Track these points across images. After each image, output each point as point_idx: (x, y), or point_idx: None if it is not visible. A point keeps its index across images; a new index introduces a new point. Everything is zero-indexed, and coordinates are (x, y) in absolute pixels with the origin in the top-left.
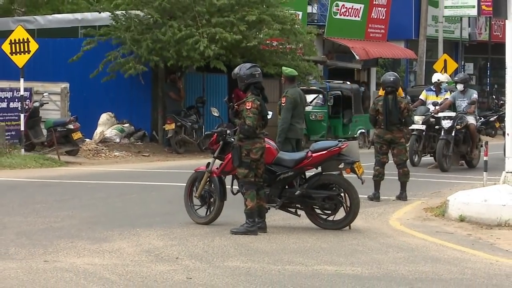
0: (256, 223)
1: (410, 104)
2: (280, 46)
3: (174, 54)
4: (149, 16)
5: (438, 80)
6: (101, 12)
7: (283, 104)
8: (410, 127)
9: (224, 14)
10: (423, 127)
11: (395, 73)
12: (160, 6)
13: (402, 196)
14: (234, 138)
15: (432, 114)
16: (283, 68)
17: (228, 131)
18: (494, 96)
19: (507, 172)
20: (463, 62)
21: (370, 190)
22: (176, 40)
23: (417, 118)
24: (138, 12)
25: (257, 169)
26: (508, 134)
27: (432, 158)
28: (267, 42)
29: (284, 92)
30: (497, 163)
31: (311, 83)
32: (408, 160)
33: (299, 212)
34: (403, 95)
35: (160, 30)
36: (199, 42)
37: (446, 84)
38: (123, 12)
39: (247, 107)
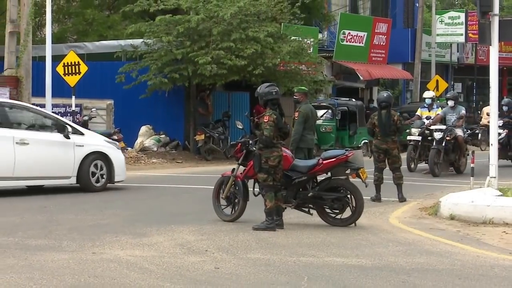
0: (275, 221)
1: (401, 117)
2: (293, 67)
3: (191, 72)
4: (174, 40)
5: (424, 97)
6: (146, 41)
7: (296, 118)
8: (408, 138)
9: (236, 40)
10: (419, 138)
11: (388, 91)
12: (178, 32)
13: (400, 198)
14: (255, 147)
15: (427, 127)
16: (296, 88)
17: (250, 141)
18: (479, 112)
19: (491, 177)
20: (452, 82)
21: (373, 192)
22: (188, 58)
23: (414, 130)
24: (164, 42)
25: (275, 174)
26: (491, 144)
27: (427, 164)
28: (282, 64)
29: (298, 107)
30: (482, 169)
31: (321, 99)
32: (406, 166)
33: (312, 211)
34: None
35: (176, 51)
36: (202, 59)
37: (438, 101)
38: (154, 40)
39: (265, 120)
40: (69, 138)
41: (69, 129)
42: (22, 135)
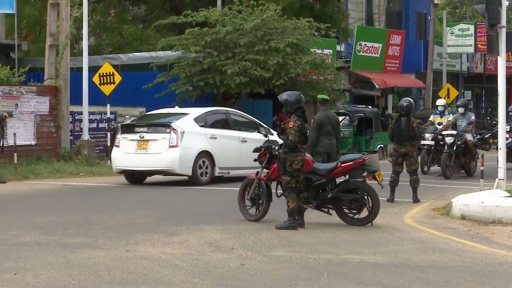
0: (296, 220)
1: (420, 124)
2: (314, 77)
3: (218, 82)
4: (201, 52)
5: (437, 105)
6: (174, 51)
7: (311, 125)
8: (421, 143)
9: (260, 51)
10: (432, 142)
11: (410, 99)
12: (206, 43)
13: (414, 199)
14: (279, 152)
15: (439, 132)
16: (318, 95)
17: (273, 146)
18: (488, 118)
19: (499, 179)
20: (462, 90)
21: (388, 193)
22: (215, 67)
23: (427, 135)
24: (192, 52)
25: (298, 177)
26: (500, 148)
27: (439, 167)
28: (305, 74)
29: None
30: (491, 172)
31: (339, 107)
32: (420, 169)
33: (331, 211)
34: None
35: (204, 61)
36: (230, 70)
37: (449, 108)
38: (183, 51)
39: (290, 126)
40: (267, 136)
41: (269, 130)
42: (242, 135)
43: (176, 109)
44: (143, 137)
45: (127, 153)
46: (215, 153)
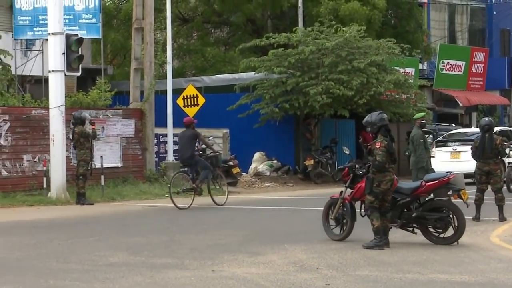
0: (382, 239)
1: (504, 141)
2: (397, 96)
3: (302, 103)
4: (284, 72)
5: None
6: (257, 73)
7: None
8: (506, 161)
9: (343, 71)
10: None
11: (488, 117)
12: (290, 64)
13: (501, 218)
14: (362, 171)
15: None
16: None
17: (357, 166)
18: None
19: None
20: None
21: (474, 212)
22: (298, 88)
23: None
24: (274, 74)
25: (386, 196)
26: None
27: None
28: (387, 93)
29: None
30: None
31: None
32: (505, 187)
33: (416, 230)
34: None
35: (287, 82)
36: (313, 90)
37: None
38: (266, 73)
39: (377, 146)
40: None
41: None
42: None
43: (472, 129)
44: (455, 149)
45: (443, 161)
46: None
